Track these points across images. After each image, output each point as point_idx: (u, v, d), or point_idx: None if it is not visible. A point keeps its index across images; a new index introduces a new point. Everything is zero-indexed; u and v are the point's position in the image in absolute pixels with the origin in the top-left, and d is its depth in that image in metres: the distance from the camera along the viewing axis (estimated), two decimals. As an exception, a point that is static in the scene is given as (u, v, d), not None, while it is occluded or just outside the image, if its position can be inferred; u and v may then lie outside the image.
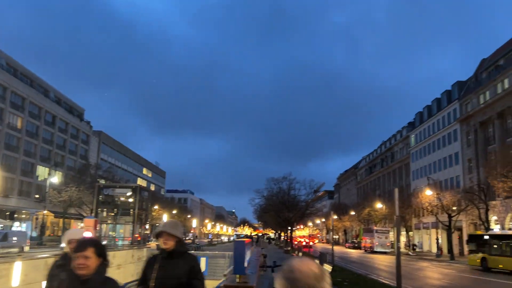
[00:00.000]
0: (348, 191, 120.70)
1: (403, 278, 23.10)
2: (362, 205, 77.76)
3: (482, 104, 49.04)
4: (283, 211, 63.46)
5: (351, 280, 19.19)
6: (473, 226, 50.89)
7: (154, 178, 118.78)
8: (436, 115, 62.88)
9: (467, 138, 53.37)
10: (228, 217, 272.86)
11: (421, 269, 30.31)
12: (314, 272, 1.56)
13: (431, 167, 62.86)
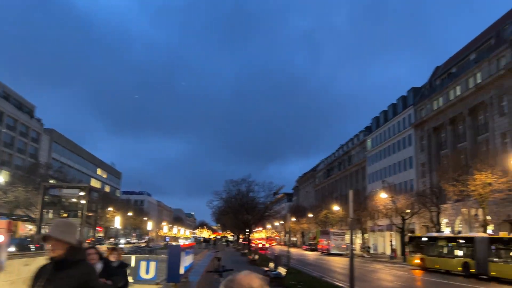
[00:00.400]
0: (306, 193, 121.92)
1: (357, 280, 23.13)
2: (319, 208, 78.56)
3: (435, 110, 50.60)
4: (242, 213, 62.95)
5: (306, 283, 18.91)
6: (425, 228, 52.31)
7: (109, 179, 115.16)
8: (392, 120, 64.47)
9: (420, 143, 54.95)
10: (186, 219, 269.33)
11: (375, 271, 30.61)
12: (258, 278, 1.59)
13: (386, 171, 64.34)
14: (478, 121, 43.52)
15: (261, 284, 1.72)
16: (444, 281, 24.81)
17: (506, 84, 38.14)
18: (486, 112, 41.71)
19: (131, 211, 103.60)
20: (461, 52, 51.14)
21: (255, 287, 1.68)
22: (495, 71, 39.73)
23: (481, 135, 42.44)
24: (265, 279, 1.81)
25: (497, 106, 39.46)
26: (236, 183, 63.74)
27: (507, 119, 37.78)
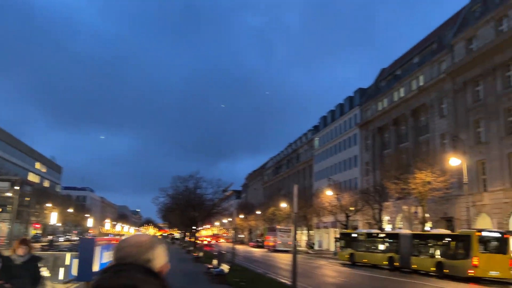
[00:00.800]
0: (255, 190, 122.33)
1: (301, 276, 23.06)
2: (267, 205, 78.89)
3: (380, 111, 52.15)
4: (189, 210, 61.81)
5: (249, 279, 18.54)
6: (368, 225, 53.83)
7: (48, 174, 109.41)
8: (339, 119, 65.87)
9: (365, 143, 56.47)
10: (132, 216, 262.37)
11: (318, 267, 30.88)
12: (140, 242, 1.52)
13: (332, 169, 65.67)
14: (420, 122, 45.26)
15: (151, 239, 1.58)
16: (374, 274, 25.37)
17: (446, 87, 39.87)
18: (427, 113, 43.42)
19: (72, 208, 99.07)
20: (406, 55, 53.04)
21: (143, 243, 1.55)
22: (436, 75, 41.44)
23: (422, 136, 44.15)
24: (157, 238, 1.68)
25: (437, 108, 41.18)
26: (183, 180, 62.33)
27: (446, 121, 39.52)
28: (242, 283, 16.85)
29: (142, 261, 1.48)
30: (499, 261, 23.56)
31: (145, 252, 1.50)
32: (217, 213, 70.85)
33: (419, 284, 21.59)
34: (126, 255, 1.48)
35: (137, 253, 1.48)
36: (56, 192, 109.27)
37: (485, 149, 33.97)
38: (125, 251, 1.49)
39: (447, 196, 35.57)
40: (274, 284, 17.34)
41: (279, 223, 70.90)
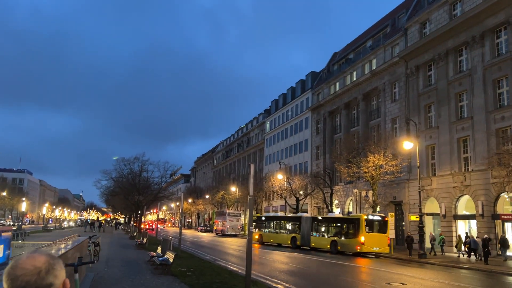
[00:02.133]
0: (204, 174, 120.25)
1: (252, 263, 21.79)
2: (216, 189, 77.42)
3: (331, 95, 51.70)
4: (134, 194, 59.00)
5: (197, 268, 16.94)
6: (317, 209, 53.84)
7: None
8: (291, 103, 65.06)
9: (316, 126, 56.05)
10: (74, 200, 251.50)
11: (269, 253, 29.82)
12: (38, 268, 1.37)
13: (283, 153, 65.04)
14: (371, 106, 45.18)
15: (47, 261, 1.41)
16: (325, 260, 24.72)
17: (398, 71, 39.78)
18: (379, 98, 43.35)
19: (6, 190, 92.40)
20: (359, 38, 52.76)
21: (42, 267, 1.38)
22: (389, 58, 41.27)
23: (373, 120, 44.11)
24: (52, 255, 1.48)
25: (389, 92, 41.11)
26: (128, 162, 59.43)
27: (398, 105, 39.52)
28: (189, 273, 15.20)
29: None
30: (380, 239, 29.48)
31: (45, 277, 1.34)
32: (164, 197, 68.64)
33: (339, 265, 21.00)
34: (23, 285, 1.31)
35: (36, 281, 1.32)
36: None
37: (435, 134, 34.17)
38: (22, 280, 1.32)
39: (397, 180, 35.67)
40: (224, 273, 15.84)
41: (228, 207, 69.79)
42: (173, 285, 12.50)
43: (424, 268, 22.18)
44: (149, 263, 18.28)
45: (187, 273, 15.25)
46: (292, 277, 16.41)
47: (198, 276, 14.68)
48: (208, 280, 13.71)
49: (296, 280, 15.52)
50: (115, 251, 25.08)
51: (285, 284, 14.30)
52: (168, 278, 13.99)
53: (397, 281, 15.93)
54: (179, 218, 26.41)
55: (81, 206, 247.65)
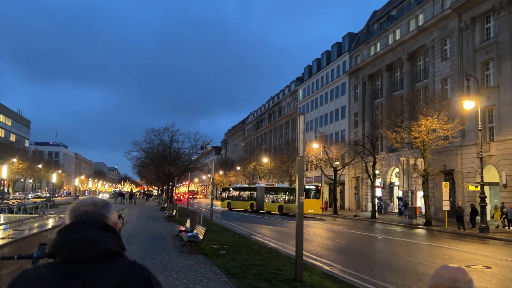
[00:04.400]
0: (235, 146, 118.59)
1: (291, 238, 19.24)
2: (248, 160, 75.34)
3: (371, 56, 47.67)
4: (164, 165, 57.64)
5: (231, 245, 14.56)
6: (356, 180, 50.78)
7: (14, 127, 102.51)
8: (325, 68, 61.21)
9: (355, 92, 52.32)
10: (109, 173, 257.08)
11: (308, 226, 27.30)
12: (95, 202, 1.61)
13: (318, 121, 61.75)
14: (417, 67, 41.14)
15: (104, 200, 1.66)
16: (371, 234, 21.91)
17: (450, 25, 35.48)
18: (426, 57, 39.24)
19: (42, 163, 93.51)
20: (402, -7, 48.00)
21: (97, 202, 1.63)
22: (439, 12, 36.90)
23: (419, 82, 40.17)
24: (109, 200, 1.71)
25: (439, 50, 36.94)
26: (158, 133, 57.86)
27: (449, 63, 35.42)
28: (222, 251, 12.78)
29: (97, 218, 1.55)
30: (314, 203, 38.08)
31: (101, 210, 1.58)
32: (196, 168, 67.12)
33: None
34: (82, 214, 1.55)
35: (93, 211, 1.56)
36: (24, 147, 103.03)
37: (495, 94, 30.21)
38: (81, 209, 1.56)
39: (451, 146, 32.13)
40: (263, 251, 13.34)
41: (260, 178, 67.66)
42: (203, 268, 10.07)
43: (489, 244, 19.10)
44: (177, 238, 16.06)
45: (220, 251, 12.84)
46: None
47: (233, 255, 12.26)
48: (246, 260, 11.25)
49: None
50: (141, 223, 23.14)
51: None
52: (197, 258, 11.62)
53: (473, 262, 13.02)
54: (211, 189, 24.13)
55: (116, 179, 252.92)
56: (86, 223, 1.51)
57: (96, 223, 1.52)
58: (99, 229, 1.50)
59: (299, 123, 8.80)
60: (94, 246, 1.44)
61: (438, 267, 1.76)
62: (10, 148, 75.73)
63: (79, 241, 1.44)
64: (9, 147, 76.70)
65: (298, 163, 8.96)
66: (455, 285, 1.64)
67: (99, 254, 1.44)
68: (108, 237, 1.49)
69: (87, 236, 1.46)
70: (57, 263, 1.45)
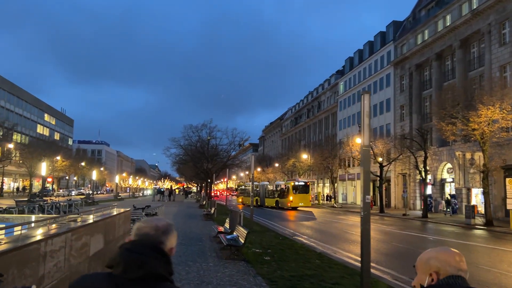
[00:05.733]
0: (273, 143, 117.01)
1: (338, 239, 17.41)
2: (286, 156, 73.58)
3: (419, 45, 44.69)
4: (202, 162, 56.98)
5: (275, 248, 12.98)
6: (402, 177, 48.01)
7: (58, 126, 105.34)
8: (368, 59, 58.42)
9: (400, 83, 49.42)
10: (150, 171, 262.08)
11: (355, 226, 25.32)
12: (158, 226, 1.72)
13: (360, 116, 58.99)
14: (471, 54, 38.00)
15: (167, 224, 1.78)
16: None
17: (509, 7, 32.30)
18: (481, 42, 36.11)
19: (84, 161, 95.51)
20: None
21: (159, 226, 1.75)
22: (497, -8, 33.72)
23: (473, 70, 37.07)
24: (171, 224, 1.79)
25: (497, 34, 33.77)
26: (196, 129, 57.23)
27: (509, 48, 32.26)
28: (266, 257, 11.21)
29: (156, 242, 1.67)
30: (304, 198, 43.54)
31: (161, 235, 1.69)
32: (233, 165, 66.11)
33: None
34: (144, 235, 1.68)
35: (153, 236, 1.68)
36: (67, 145, 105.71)
37: None
38: (144, 231, 1.70)
39: (509, 139, 29.17)
40: (313, 257, 11.63)
41: (299, 175, 65.81)
42: (246, 280, 8.53)
43: None
44: (215, 239, 14.66)
45: (263, 257, 11.28)
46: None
47: (279, 262, 10.66)
48: (294, 270, 9.62)
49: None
50: (178, 222, 21.97)
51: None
52: (238, 265, 10.11)
53: None
54: (251, 186, 22.70)
55: (157, 176, 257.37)
56: (143, 245, 1.63)
57: (153, 247, 1.63)
58: (154, 252, 1.61)
59: (364, 104, 7.09)
60: (142, 268, 1.56)
61: (438, 247, 1.79)
62: (54, 146, 77.41)
63: (133, 260, 1.58)
64: (53, 145, 78.45)
65: (363, 153, 7.24)
66: (458, 273, 1.70)
67: (147, 275, 1.56)
68: (160, 261, 1.61)
69: (141, 257, 1.58)
70: (112, 275, 1.59)
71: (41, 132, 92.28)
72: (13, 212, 17.87)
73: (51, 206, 21.23)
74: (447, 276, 1.69)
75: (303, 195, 43.38)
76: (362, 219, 7.15)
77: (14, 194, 64.53)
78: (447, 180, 40.28)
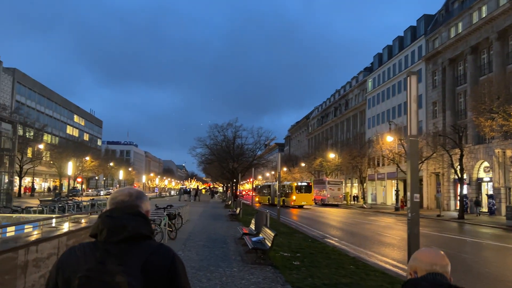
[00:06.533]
0: (299, 142, 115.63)
1: (371, 242, 16.32)
2: (313, 156, 72.23)
3: (452, 38, 42.71)
4: (228, 161, 56.37)
5: (304, 252, 12.04)
6: (435, 176, 46.06)
7: (88, 127, 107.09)
8: (398, 55, 56.49)
9: (432, 79, 47.46)
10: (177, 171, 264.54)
11: (389, 228, 24.07)
12: (131, 193, 1.84)
13: (390, 113, 57.21)
14: (509, 46, 35.93)
15: (139, 191, 1.89)
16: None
17: (553, -5, 30.26)
18: (522, 34, 34.07)
19: (113, 161, 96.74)
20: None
21: (132, 193, 1.87)
22: (539, -21, 31.70)
23: (512, 63, 35.04)
24: (142, 191, 1.91)
25: (539, 24, 31.75)
26: (221, 128, 56.68)
27: (553, 39, 30.24)
28: (295, 262, 10.28)
29: (132, 206, 1.78)
30: (306, 197, 46.09)
31: (135, 200, 1.81)
32: (259, 164, 65.27)
33: None
34: (119, 202, 1.80)
35: (128, 201, 1.80)
36: (96, 146, 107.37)
37: None
38: (118, 199, 1.81)
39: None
40: (346, 262, 10.62)
41: (327, 175, 64.39)
42: (273, 288, 7.63)
43: None
44: (240, 241, 13.83)
45: (292, 261, 10.35)
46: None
47: (310, 267, 9.71)
48: (327, 277, 8.65)
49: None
50: (203, 223, 21.29)
51: None
52: (264, 270, 9.23)
53: None
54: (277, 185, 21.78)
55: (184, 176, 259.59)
56: (121, 210, 1.75)
57: (131, 211, 1.75)
58: (133, 215, 1.73)
59: (410, 87, 6.07)
60: (126, 230, 1.67)
61: (418, 249, 1.90)
62: (83, 147, 78.54)
63: (115, 225, 1.68)
64: (82, 145, 79.61)
65: (411, 144, 6.19)
66: (432, 268, 1.80)
67: (130, 236, 1.67)
68: (139, 222, 1.72)
69: (120, 221, 1.69)
70: (97, 242, 1.69)
71: (70, 133, 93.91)
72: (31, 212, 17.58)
73: (73, 206, 20.90)
74: (426, 273, 1.78)
75: (306, 195, 46.04)
76: (410, 221, 6.14)
77: (45, 194, 65.65)
78: (484, 179, 38.26)
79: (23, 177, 59.27)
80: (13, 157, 24.75)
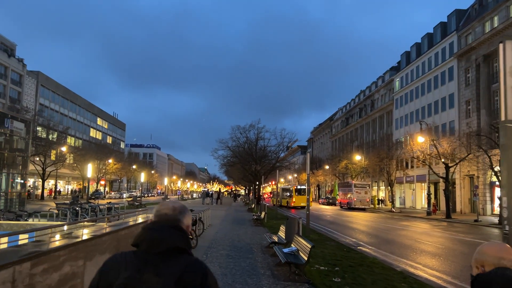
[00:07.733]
0: (322, 145, 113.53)
1: (412, 251, 14.67)
2: (338, 158, 70.23)
3: (488, 33, 40.41)
4: (250, 163, 55.06)
5: (344, 264, 10.55)
6: (469, 179, 43.66)
7: (111, 130, 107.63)
8: (427, 52, 54.18)
9: (465, 76, 45.12)
10: (200, 174, 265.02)
11: (427, 234, 22.26)
12: (174, 207, 1.92)
13: (419, 113, 54.91)
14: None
15: (182, 205, 1.97)
16: None
17: None
18: None
19: (136, 164, 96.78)
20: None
21: (176, 207, 1.94)
22: None
23: (556, 58, 32.57)
24: (185, 206, 1.98)
25: None
26: (243, 130, 55.44)
27: None
28: (335, 279, 8.80)
29: (174, 220, 1.86)
30: (305, 199, 40.51)
31: (178, 214, 1.89)
32: (282, 167, 63.75)
33: None
34: (163, 215, 1.87)
35: (171, 215, 1.87)
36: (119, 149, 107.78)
37: None
38: (162, 212, 1.88)
39: None
40: (395, 278, 9.07)
41: (352, 177, 62.37)
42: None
43: None
44: (268, 251, 12.43)
45: (332, 278, 8.88)
46: None
47: (353, 286, 8.24)
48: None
49: None
50: (225, 228, 19.98)
51: None
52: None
53: None
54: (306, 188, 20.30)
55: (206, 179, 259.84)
56: (163, 223, 1.84)
57: (172, 225, 1.84)
58: (173, 229, 1.81)
59: (505, 57, 4.57)
60: (164, 242, 1.75)
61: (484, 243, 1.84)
62: (106, 149, 78.60)
63: (155, 237, 1.76)
64: (105, 148, 79.71)
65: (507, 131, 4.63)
66: (500, 263, 1.77)
67: (168, 249, 1.75)
68: (178, 236, 1.80)
69: (160, 234, 1.78)
70: (138, 251, 1.78)
71: (93, 135, 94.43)
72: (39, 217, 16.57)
73: (87, 210, 19.84)
74: (495, 268, 1.75)
75: (303, 197, 48.79)
76: (506, 237, 4.59)
77: (68, 197, 65.78)
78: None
79: (46, 179, 59.40)
80: (26, 158, 24.04)
